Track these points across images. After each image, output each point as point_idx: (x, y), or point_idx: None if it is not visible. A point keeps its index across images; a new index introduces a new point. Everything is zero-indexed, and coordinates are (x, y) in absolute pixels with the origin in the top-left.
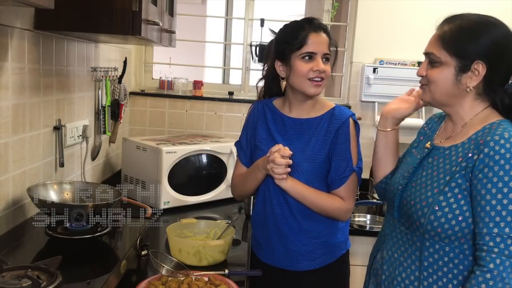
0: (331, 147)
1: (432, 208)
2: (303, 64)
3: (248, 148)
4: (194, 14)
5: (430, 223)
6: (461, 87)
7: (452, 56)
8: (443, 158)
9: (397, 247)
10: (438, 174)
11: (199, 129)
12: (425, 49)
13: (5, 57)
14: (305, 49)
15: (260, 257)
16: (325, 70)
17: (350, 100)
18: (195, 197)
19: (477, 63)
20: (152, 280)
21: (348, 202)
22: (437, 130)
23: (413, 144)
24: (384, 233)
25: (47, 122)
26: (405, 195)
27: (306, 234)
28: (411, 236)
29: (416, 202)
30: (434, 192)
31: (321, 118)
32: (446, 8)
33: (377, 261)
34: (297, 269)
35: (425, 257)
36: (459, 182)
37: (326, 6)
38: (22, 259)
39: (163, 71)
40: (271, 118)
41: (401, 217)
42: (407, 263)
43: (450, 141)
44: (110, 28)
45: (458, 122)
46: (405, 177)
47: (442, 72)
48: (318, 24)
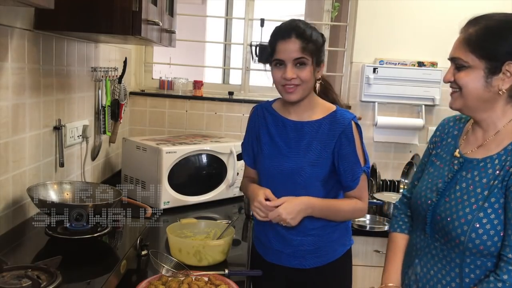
0: (334, 151)
1: (472, 225)
2: (276, 71)
3: (251, 151)
4: (194, 14)
5: (472, 241)
6: (492, 90)
7: (480, 59)
8: (478, 171)
9: (433, 263)
10: (474, 189)
11: (199, 129)
12: (450, 54)
13: (5, 57)
14: (275, 56)
15: (265, 256)
16: (297, 76)
17: (350, 100)
18: (195, 197)
19: (509, 64)
20: (152, 280)
21: (364, 201)
22: (460, 136)
23: (430, 153)
24: (416, 248)
25: (47, 122)
26: (439, 211)
27: (310, 232)
28: (448, 253)
29: (454, 219)
30: (472, 209)
31: (322, 121)
32: (446, 8)
33: (409, 277)
34: (303, 266)
35: (466, 274)
36: (498, 197)
37: (326, 6)
38: (22, 259)
39: (163, 71)
40: (271, 122)
41: (435, 233)
42: (446, 280)
43: (483, 151)
44: (110, 28)
45: (490, 129)
46: (436, 191)
47: (471, 74)
48: (289, 28)
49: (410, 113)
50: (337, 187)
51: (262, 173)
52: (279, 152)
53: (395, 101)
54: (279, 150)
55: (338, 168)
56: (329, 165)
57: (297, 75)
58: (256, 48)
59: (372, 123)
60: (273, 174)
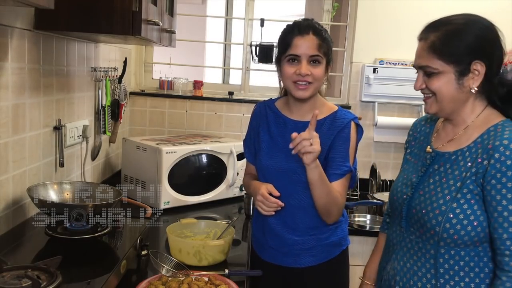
0: (330, 148)
1: (446, 216)
2: (288, 66)
3: (252, 147)
4: (194, 14)
5: (446, 231)
6: (465, 90)
7: (449, 64)
8: (450, 163)
9: (409, 256)
10: (447, 181)
11: (199, 129)
12: (416, 63)
13: (5, 57)
14: (290, 51)
15: (261, 255)
16: (311, 73)
17: (350, 100)
18: (195, 197)
19: (475, 63)
20: (152, 280)
21: (342, 198)
22: (432, 134)
23: (405, 154)
24: (392, 243)
25: (47, 122)
26: (414, 204)
27: (306, 231)
28: (423, 245)
29: (429, 211)
30: (446, 200)
31: (323, 121)
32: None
33: (387, 272)
34: (298, 265)
35: (440, 264)
36: (471, 188)
37: (326, 6)
38: (22, 259)
39: (163, 71)
40: (273, 120)
41: (411, 226)
42: (422, 272)
43: (454, 145)
44: (110, 28)
45: (460, 124)
46: (410, 186)
47: (442, 79)
48: (307, 25)
49: (410, 113)
50: None
51: (260, 171)
52: (278, 150)
53: (395, 101)
54: (278, 148)
55: (326, 158)
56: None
57: (311, 72)
58: (256, 48)
59: (372, 123)
60: (271, 172)
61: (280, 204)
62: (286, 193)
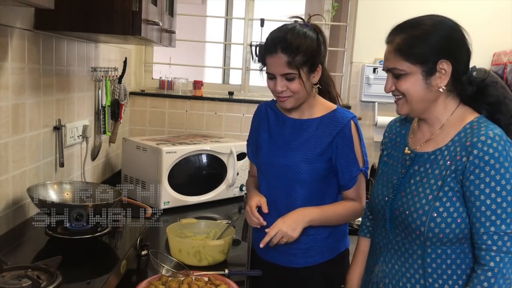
0: (332, 149)
1: (430, 215)
2: (269, 81)
3: (255, 147)
4: (194, 14)
5: (431, 230)
6: (433, 89)
7: (415, 64)
8: (430, 163)
9: (396, 258)
10: (428, 181)
11: (199, 129)
12: (385, 66)
13: (5, 57)
14: (266, 69)
15: (261, 255)
16: (287, 88)
17: (350, 100)
18: (195, 197)
19: (441, 62)
20: (152, 280)
21: (360, 202)
22: (408, 135)
23: (382, 156)
24: (379, 246)
25: (47, 122)
26: (396, 206)
27: (304, 231)
28: (410, 246)
29: (412, 212)
30: (429, 199)
31: (321, 119)
32: (446, 8)
33: (375, 275)
34: (296, 265)
35: (428, 264)
36: (452, 186)
37: (326, 6)
38: (22, 259)
39: (163, 71)
40: (273, 120)
41: (396, 228)
42: (410, 273)
43: (432, 145)
44: (110, 28)
45: (435, 124)
46: (391, 188)
47: (410, 80)
48: (274, 43)
49: None
50: (334, 186)
51: (259, 168)
52: (276, 148)
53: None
54: (276, 147)
55: (335, 166)
56: (326, 162)
57: (287, 87)
58: (256, 48)
59: (372, 123)
60: (269, 169)
61: (261, 223)
62: (285, 190)
